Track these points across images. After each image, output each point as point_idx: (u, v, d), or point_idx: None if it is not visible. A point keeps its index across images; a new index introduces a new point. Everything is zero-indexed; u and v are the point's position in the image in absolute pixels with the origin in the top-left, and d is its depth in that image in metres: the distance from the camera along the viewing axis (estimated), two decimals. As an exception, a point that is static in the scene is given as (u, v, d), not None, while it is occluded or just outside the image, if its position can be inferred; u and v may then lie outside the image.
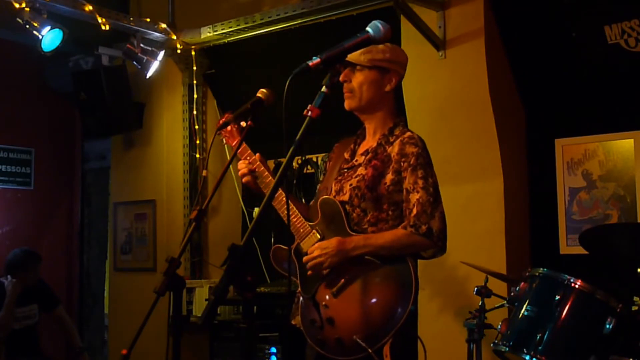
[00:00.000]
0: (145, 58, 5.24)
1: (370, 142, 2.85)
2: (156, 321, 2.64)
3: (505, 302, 3.42)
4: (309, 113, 2.16)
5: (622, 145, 4.16)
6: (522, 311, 2.98)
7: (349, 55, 2.42)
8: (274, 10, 4.89)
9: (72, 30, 4.71)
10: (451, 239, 2.73)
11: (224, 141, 3.04)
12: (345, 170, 2.85)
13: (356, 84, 2.78)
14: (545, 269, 3.01)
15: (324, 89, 2.20)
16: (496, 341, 3.05)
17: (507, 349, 2.96)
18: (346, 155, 2.92)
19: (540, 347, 2.85)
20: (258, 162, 2.92)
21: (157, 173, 5.92)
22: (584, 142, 4.29)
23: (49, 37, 4.63)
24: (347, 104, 2.82)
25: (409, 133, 2.78)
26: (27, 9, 4.47)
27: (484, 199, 4.27)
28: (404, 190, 2.70)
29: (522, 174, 4.47)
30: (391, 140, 2.78)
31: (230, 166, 2.70)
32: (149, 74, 5.33)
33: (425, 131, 4.47)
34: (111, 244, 6.31)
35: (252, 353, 4.18)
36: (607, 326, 2.81)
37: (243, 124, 2.89)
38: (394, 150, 2.75)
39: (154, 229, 5.88)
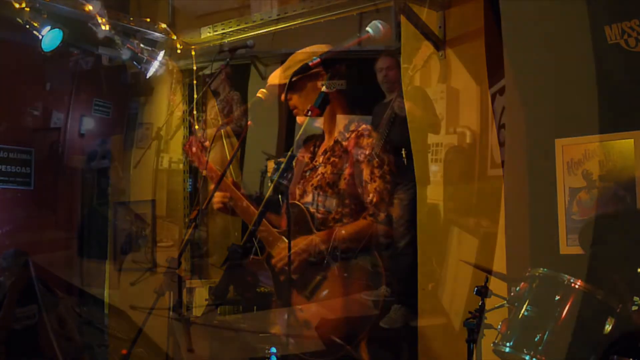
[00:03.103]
0: (145, 58, 5.23)
1: (328, 141, 2.88)
2: (156, 321, 2.64)
3: (505, 302, 3.42)
4: (309, 113, 2.16)
5: (622, 145, 4.16)
6: (522, 311, 2.98)
7: (272, 79, 2.54)
8: (274, 10, 4.89)
9: (72, 30, 4.70)
10: (451, 239, 2.72)
11: (191, 159, 3.09)
12: (307, 172, 2.87)
13: (296, 100, 2.81)
14: (545, 269, 3.01)
15: (323, 89, 2.20)
16: (496, 341, 3.05)
17: (507, 349, 2.96)
18: (306, 159, 2.93)
19: (540, 347, 2.85)
20: (232, 188, 2.95)
21: (157, 173, 5.91)
22: (584, 142, 4.28)
23: (49, 37, 4.62)
24: (298, 120, 2.86)
25: (364, 125, 2.79)
26: (27, 9, 4.47)
27: (484, 199, 4.26)
28: (363, 182, 2.71)
29: (522, 174, 4.46)
30: (347, 135, 2.79)
31: (230, 166, 2.71)
32: (149, 74, 5.32)
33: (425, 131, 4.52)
34: (111, 244, 6.30)
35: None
36: (607, 326, 2.81)
37: (207, 144, 2.94)
38: (350, 144, 2.77)
39: (154, 229, 5.87)
